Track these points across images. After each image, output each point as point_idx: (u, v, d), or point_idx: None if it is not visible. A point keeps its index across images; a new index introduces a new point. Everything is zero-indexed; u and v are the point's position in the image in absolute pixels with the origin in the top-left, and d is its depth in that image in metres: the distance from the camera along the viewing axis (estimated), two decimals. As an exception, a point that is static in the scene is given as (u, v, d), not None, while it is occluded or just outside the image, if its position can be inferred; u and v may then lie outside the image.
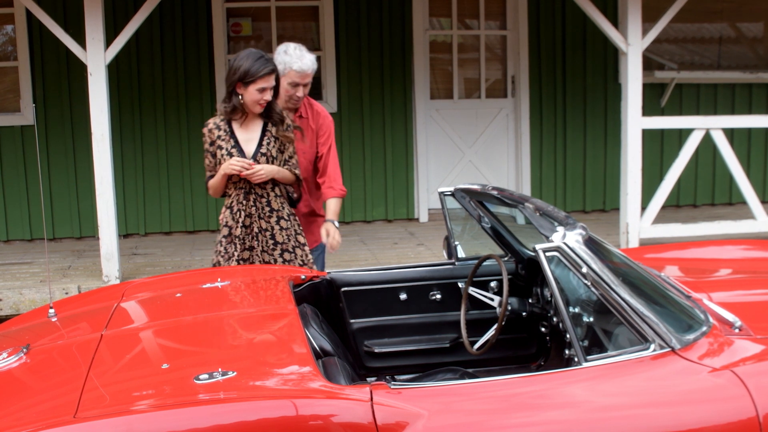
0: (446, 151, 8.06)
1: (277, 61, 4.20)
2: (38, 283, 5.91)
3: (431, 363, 3.77)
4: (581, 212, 8.22)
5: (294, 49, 4.22)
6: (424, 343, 3.83)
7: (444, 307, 3.84)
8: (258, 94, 3.84)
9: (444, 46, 8.08)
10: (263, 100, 3.86)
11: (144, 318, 3.44)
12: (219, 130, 3.98)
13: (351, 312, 3.82)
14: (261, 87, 3.83)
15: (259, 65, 3.82)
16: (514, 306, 3.55)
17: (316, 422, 2.41)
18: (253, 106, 3.88)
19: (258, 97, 3.85)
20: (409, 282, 3.86)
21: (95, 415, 2.38)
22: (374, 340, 3.82)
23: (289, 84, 4.20)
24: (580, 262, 2.92)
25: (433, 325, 3.87)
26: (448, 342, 3.82)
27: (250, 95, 3.85)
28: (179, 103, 7.52)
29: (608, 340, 3.05)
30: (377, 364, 3.81)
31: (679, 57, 8.44)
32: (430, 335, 3.85)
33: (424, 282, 3.87)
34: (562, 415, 2.56)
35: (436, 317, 3.86)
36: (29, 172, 7.37)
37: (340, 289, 3.81)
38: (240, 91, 3.87)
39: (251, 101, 3.87)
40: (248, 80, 3.82)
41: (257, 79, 3.81)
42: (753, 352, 2.81)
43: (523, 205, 3.50)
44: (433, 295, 3.86)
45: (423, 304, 3.87)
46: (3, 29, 7.43)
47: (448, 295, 3.86)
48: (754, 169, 8.24)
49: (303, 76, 4.20)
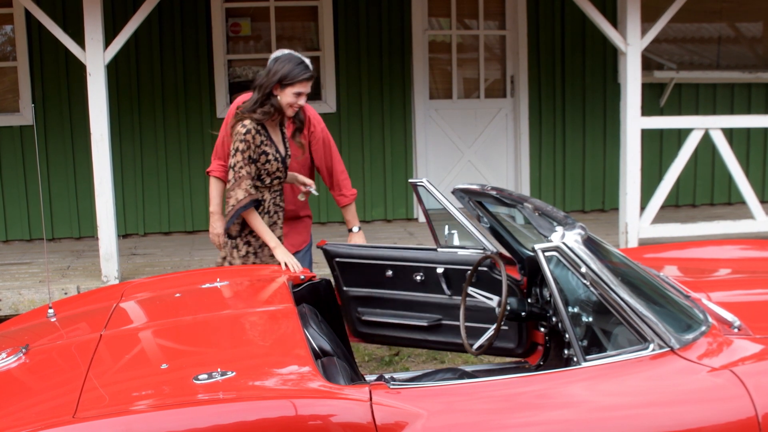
0: (445, 151, 8.06)
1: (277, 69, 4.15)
2: (37, 284, 5.91)
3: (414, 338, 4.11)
4: (580, 212, 8.22)
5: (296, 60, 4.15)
6: (408, 319, 4.08)
7: (426, 288, 4.04)
8: (294, 97, 3.88)
9: (443, 46, 8.09)
10: (297, 104, 3.90)
11: (143, 318, 3.44)
12: (260, 135, 3.91)
13: (344, 280, 4.10)
14: (298, 91, 3.87)
15: (299, 69, 3.86)
16: (513, 306, 3.55)
17: (315, 422, 2.41)
18: (287, 108, 3.90)
19: (293, 101, 3.88)
20: (395, 261, 4.09)
21: (94, 415, 2.38)
22: (365, 309, 4.10)
23: (294, 94, 4.12)
24: (579, 262, 2.92)
25: (417, 303, 4.08)
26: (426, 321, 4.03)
27: (286, 98, 3.88)
28: (178, 103, 7.52)
29: (607, 340, 3.05)
30: (367, 331, 4.14)
31: (679, 57, 8.44)
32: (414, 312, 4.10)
33: (409, 263, 4.08)
34: (561, 415, 2.56)
35: (419, 297, 4.04)
36: (28, 173, 7.37)
37: (333, 259, 4.09)
38: (276, 92, 3.88)
39: (286, 104, 3.89)
40: (287, 83, 3.85)
41: (296, 82, 3.85)
42: (752, 351, 2.81)
43: (522, 205, 3.51)
44: (416, 275, 4.06)
45: (408, 284, 4.08)
46: (2, 29, 7.43)
47: (429, 278, 4.05)
48: (753, 169, 8.24)
49: (307, 85, 4.16)
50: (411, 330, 4.10)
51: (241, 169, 3.86)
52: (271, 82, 3.86)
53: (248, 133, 3.85)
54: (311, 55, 7.65)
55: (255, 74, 7.77)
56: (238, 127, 3.87)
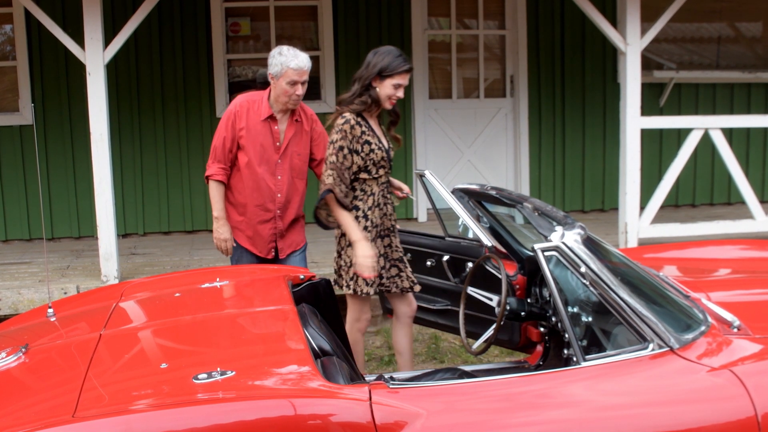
0: (445, 150, 8.06)
1: (273, 63, 4.31)
2: (37, 283, 5.91)
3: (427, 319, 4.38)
4: (580, 212, 8.22)
5: (288, 50, 4.33)
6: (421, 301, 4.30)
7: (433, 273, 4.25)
8: (393, 89, 3.91)
9: (443, 45, 8.08)
10: (395, 96, 3.93)
11: (143, 318, 3.44)
12: (361, 126, 3.94)
13: None
14: (397, 83, 3.90)
15: (399, 61, 3.90)
16: (512, 306, 3.56)
17: (314, 422, 2.41)
18: (385, 101, 3.94)
19: (392, 92, 3.91)
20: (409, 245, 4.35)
21: (94, 415, 2.38)
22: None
23: (288, 83, 4.29)
24: (579, 261, 2.93)
25: (429, 287, 4.32)
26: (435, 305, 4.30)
27: (385, 90, 3.91)
28: (178, 102, 7.52)
29: (607, 340, 3.05)
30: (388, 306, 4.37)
31: (678, 57, 8.44)
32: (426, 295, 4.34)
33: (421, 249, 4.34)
34: (561, 414, 2.56)
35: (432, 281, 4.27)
36: (28, 172, 7.36)
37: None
38: (375, 84, 3.92)
39: (385, 96, 3.92)
40: (386, 74, 3.89)
41: (395, 74, 3.88)
42: (751, 351, 2.81)
43: (522, 204, 3.51)
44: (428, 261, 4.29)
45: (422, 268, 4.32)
46: (2, 29, 7.42)
47: (440, 265, 4.23)
48: (753, 169, 8.24)
49: (301, 73, 4.29)
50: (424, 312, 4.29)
51: (334, 156, 3.87)
52: (371, 74, 3.90)
53: (346, 123, 3.88)
54: (311, 54, 7.60)
55: (255, 74, 7.78)
56: (337, 120, 3.93)
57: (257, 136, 4.38)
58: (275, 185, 4.42)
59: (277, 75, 4.31)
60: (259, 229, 4.47)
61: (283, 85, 4.29)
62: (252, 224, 4.47)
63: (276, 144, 4.41)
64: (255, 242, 4.49)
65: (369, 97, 3.91)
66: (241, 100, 4.47)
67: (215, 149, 4.41)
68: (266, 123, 4.39)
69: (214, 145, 4.43)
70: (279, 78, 4.31)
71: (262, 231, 4.47)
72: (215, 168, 4.41)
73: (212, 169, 4.42)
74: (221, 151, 4.39)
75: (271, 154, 4.40)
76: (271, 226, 4.47)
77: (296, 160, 4.46)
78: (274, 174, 4.42)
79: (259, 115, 4.39)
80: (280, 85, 4.32)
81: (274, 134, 4.41)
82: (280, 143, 4.41)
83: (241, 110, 4.40)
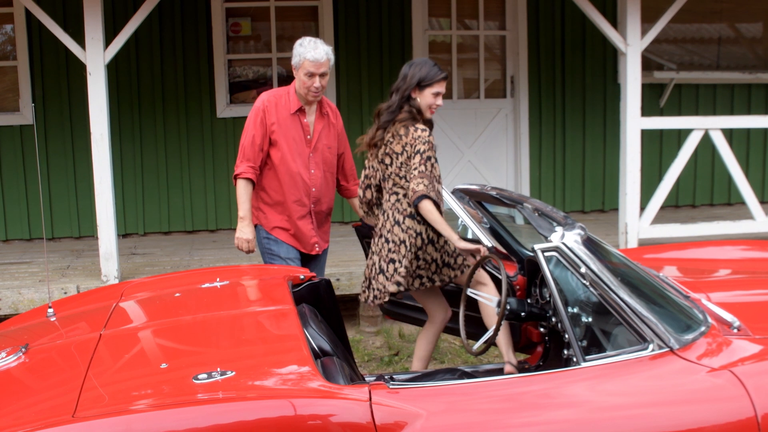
0: (445, 151, 8.05)
1: (294, 54, 4.29)
2: (37, 283, 5.91)
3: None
4: (580, 212, 8.21)
5: (309, 42, 4.27)
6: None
7: None
8: (433, 98, 3.92)
9: (443, 46, 8.08)
10: (435, 105, 3.94)
11: (143, 318, 3.44)
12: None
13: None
14: (437, 91, 3.91)
15: (436, 70, 3.92)
16: (512, 306, 3.56)
17: (314, 422, 2.41)
18: (427, 110, 3.93)
19: (432, 101, 3.92)
20: None
21: (94, 415, 2.38)
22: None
23: (305, 75, 4.27)
24: (579, 262, 2.93)
25: None
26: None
27: (426, 99, 3.91)
28: (178, 102, 7.52)
29: (607, 340, 3.05)
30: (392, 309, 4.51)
31: (678, 57, 8.44)
32: None
33: None
34: (560, 415, 2.56)
35: None
36: (28, 172, 7.36)
37: (364, 239, 4.40)
38: (415, 95, 3.92)
39: (426, 105, 3.92)
40: (425, 84, 3.89)
41: (434, 83, 3.90)
42: (751, 352, 2.81)
43: (522, 205, 3.52)
44: None
45: None
46: (2, 28, 7.42)
47: None
48: (753, 170, 8.24)
49: (317, 65, 4.23)
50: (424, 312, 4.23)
51: (434, 169, 3.82)
52: (410, 85, 3.90)
53: (431, 135, 3.87)
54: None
55: (255, 74, 7.78)
56: (417, 132, 3.84)
57: (288, 130, 4.32)
58: (310, 179, 4.37)
59: (296, 66, 4.29)
60: (300, 225, 4.39)
61: (301, 76, 4.27)
62: (293, 221, 4.38)
63: (307, 137, 4.36)
64: (299, 239, 4.41)
65: (411, 107, 3.91)
66: (268, 96, 4.39)
67: (244, 148, 4.30)
68: (295, 116, 4.35)
69: (242, 145, 4.32)
70: (298, 69, 4.28)
71: (303, 227, 4.40)
72: (244, 166, 4.29)
73: (241, 168, 4.30)
74: (250, 149, 4.29)
75: (302, 147, 4.35)
76: (309, 221, 4.41)
77: (327, 154, 4.44)
78: (308, 168, 4.37)
79: (288, 108, 4.34)
80: (299, 77, 4.29)
81: (304, 127, 4.36)
82: (310, 136, 4.37)
83: (270, 105, 4.33)
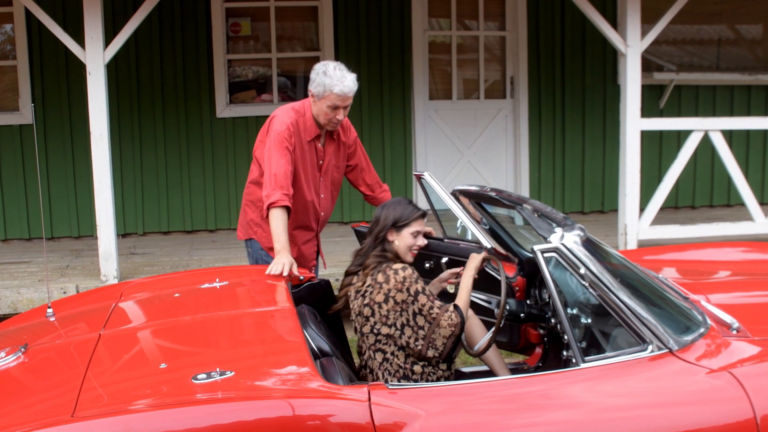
0: (445, 151, 8.06)
1: (316, 82, 3.95)
2: (36, 283, 5.91)
3: None
4: (579, 213, 8.21)
5: (334, 69, 3.94)
6: None
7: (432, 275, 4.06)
8: (412, 238, 3.53)
9: (443, 46, 8.09)
10: (417, 246, 3.57)
11: (142, 318, 3.44)
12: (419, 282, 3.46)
13: None
14: (415, 230, 3.53)
15: (411, 209, 3.56)
16: (512, 307, 3.56)
17: (313, 422, 2.41)
18: (406, 253, 3.55)
19: (412, 242, 3.54)
20: None
21: (93, 415, 2.38)
22: None
23: (329, 107, 3.95)
24: (578, 263, 2.93)
25: None
26: None
27: (404, 240, 3.53)
28: (178, 102, 7.52)
29: (606, 342, 3.05)
30: None
31: (678, 58, 8.44)
32: None
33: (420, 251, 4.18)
34: (559, 416, 2.56)
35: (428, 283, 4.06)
36: (28, 172, 7.36)
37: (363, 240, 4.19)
38: (392, 237, 3.53)
39: (405, 247, 3.54)
40: (401, 224, 3.52)
41: (411, 221, 3.53)
42: (750, 353, 2.81)
43: (522, 206, 3.51)
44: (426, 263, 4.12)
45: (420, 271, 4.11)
46: (2, 28, 7.42)
47: (436, 266, 4.12)
48: (753, 171, 8.24)
49: (344, 98, 3.95)
50: None
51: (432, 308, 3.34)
52: (384, 227, 3.52)
53: (415, 272, 3.41)
54: (311, 55, 7.67)
55: (255, 74, 7.78)
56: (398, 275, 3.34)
57: (305, 157, 4.06)
58: (320, 204, 4.21)
59: (319, 96, 3.96)
60: (302, 249, 4.23)
61: (323, 107, 3.96)
62: (296, 245, 4.16)
63: (319, 162, 4.14)
64: (298, 261, 4.08)
65: (385, 251, 3.50)
66: (290, 118, 4.03)
67: (276, 177, 3.86)
68: (312, 142, 4.09)
69: (273, 173, 3.87)
70: (320, 99, 3.96)
71: (305, 250, 4.25)
72: (279, 194, 3.84)
73: (276, 195, 3.84)
74: (284, 177, 3.88)
75: (314, 172, 4.13)
76: (313, 245, 4.29)
77: (335, 174, 4.25)
78: (319, 193, 4.19)
79: (306, 134, 4.06)
80: (320, 107, 3.98)
81: (318, 152, 4.13)
82: (322, 161, 4.15)
83: (293, 130, 4.00)
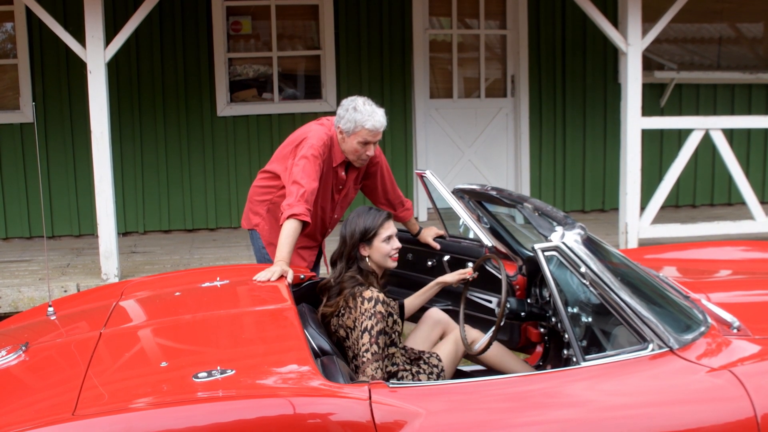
0: (446, 150, 8.06)
1: (345, 118, 3.90)
2: (37, 281, 5.91)
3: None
4: (580, 212, 8.22)
5: (363, 104, 3.91)
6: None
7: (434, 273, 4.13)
8: (387, 245, 3.45)
9: (444, 45, 8.08)
10: (394, 249, 3.48)
11: (143, 316, 3.44)
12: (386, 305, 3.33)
13: None
14: (387, 235, 3.45)
15: (374, 213, 3.47)
16: (512, 306, 3.56)
17: (314, 420, 2.41)
18: (386, 260, 3.46)
19: (388, 249, 3.46)
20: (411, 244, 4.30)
21: (94, 413, 2.39)
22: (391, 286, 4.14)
23: (360, 143, 3.91)
24: (579, 261, 2.93)
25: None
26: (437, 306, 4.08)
27: (379, 250, 3.45)
28: (179, 101, 7.52)
29: (607, 340, 3.06)
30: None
31: (679, 57, 8.44)
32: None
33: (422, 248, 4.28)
34: (559, 414, 2.57)
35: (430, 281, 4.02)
36: (28, 170, 7.36)
37: None
38: (365, 252, 3.45)
39: (382, 256, 3.45)
40: (371, 235, 3.43)
41: (379, 228, 3.44)
42: (751, 352, 2.81)
43: (522, 205, 3.51)
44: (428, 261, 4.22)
45: (422, 268, 4.26)
46: (3, 27, 7.42)
47: (438, 264, 4.20)
48: (753, 170, 8.24)
49: (375, 134, 3.92)
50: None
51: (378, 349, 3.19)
52: (353, 245, 3.43)
53: (378, 304, 3.25)
54: (312, 54, 7.67)
55: (256, 72, 7.78)
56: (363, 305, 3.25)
57: (328, 180, 4.04)
58: (330, 222, 4.24)
59: (349, 132, 3.90)
60: (302, 253, 4.22)
61: (353, 144, 3.91)
62: (296, 250, 4.12)
63: (339, 187, 4.13)
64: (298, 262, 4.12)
65: (360, 269, 3.41)
66: (323, 139, 3.97)
67: (305, 192, 3.80)
68: (336, 168, 4.05)
69: (305, 189, 3.80)
70: (350, 136, 3.90)
71: (307, 256, 4.26)
72: (303, 208, 3.76)
73: (299, 208, 3.75)
74: (311, 194, 3.82)
75: (332, 195, 4.13)
76: (311, 253, 4.30)
77: (351, 194, 4.26)
78: (333, 212, 4.22)
79: (333, 159, 4.01)
80: (350, 143, 3.92)
81: (339, 179, 4.10)
82: (342, 187, 4.14)
83: (324, 152, 3.95)
